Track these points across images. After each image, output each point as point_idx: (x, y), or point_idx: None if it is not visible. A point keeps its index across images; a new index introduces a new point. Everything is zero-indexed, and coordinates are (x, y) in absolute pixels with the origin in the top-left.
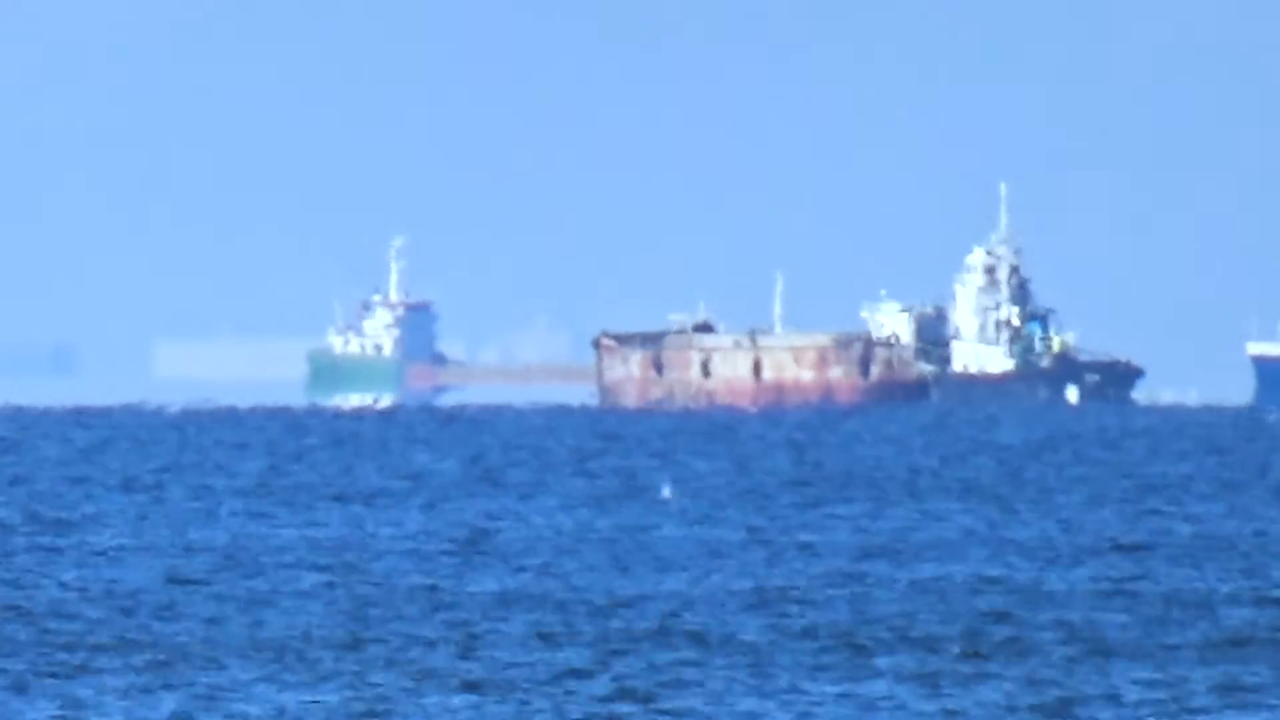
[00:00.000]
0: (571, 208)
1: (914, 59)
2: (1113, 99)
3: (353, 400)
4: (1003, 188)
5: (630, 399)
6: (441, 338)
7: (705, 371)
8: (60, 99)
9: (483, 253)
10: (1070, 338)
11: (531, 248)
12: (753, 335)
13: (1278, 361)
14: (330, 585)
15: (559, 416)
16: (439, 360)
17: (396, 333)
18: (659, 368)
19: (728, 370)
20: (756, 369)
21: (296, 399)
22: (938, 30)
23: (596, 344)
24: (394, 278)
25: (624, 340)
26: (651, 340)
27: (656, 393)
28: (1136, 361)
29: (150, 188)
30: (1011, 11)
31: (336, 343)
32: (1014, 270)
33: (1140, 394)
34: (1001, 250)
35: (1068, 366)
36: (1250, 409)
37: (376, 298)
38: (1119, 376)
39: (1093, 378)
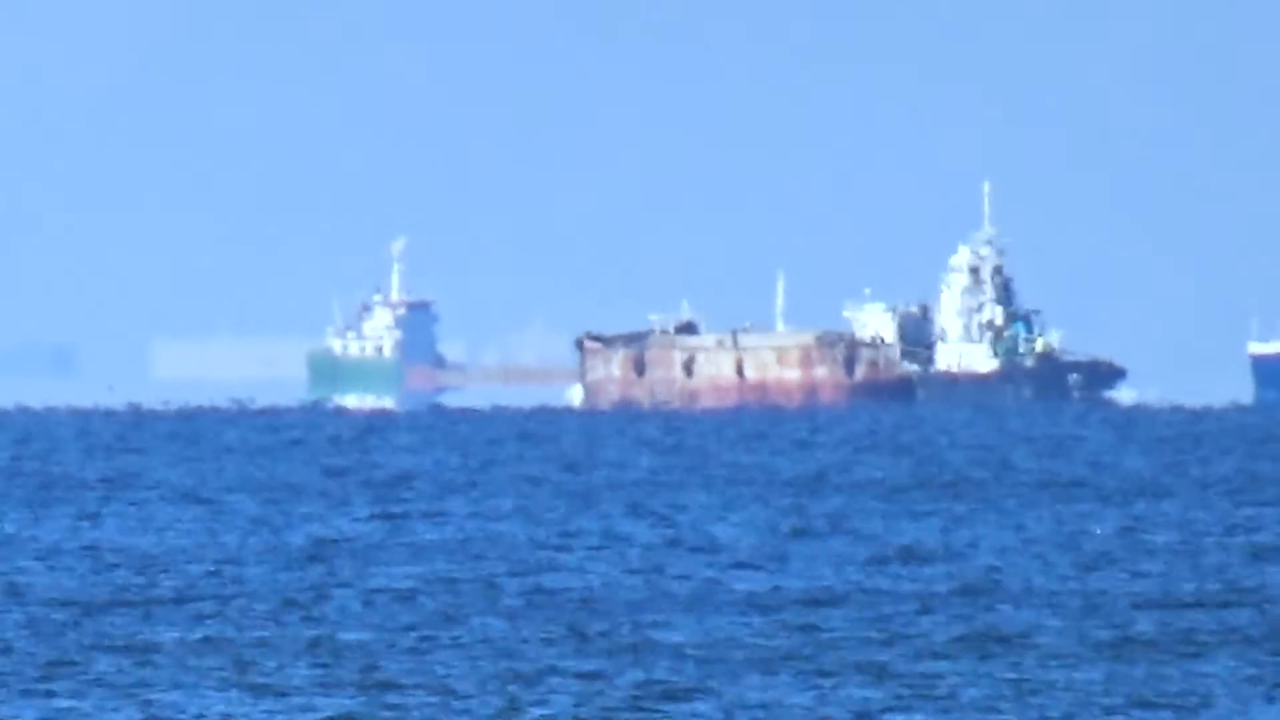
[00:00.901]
0: (571, 208)
1: (897, 58)
2: (1100, 97)
3: (350, 401)
4: (986, 187)
5: (612, 399)
6: (442, 339)
7: (688, 371)
8: (59, 99)
9: (483, 253)
10: (1055, 338)
11: (532, 248)
12: (735, 335)
13: (1277, 361)
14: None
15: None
16: (439, 361)
17: (397, 334)
18: (640, 368)
19: (710, 370)
20: (739, 369)
21: (298, 400)
22: (921, 30)
23: (579, 345)
24: (394, 278)
25: (607, 341)
26: (634, 341)
27: (638, 393)
28: (1119, 362)
29: (149, 188)
30: (996, 10)
31: (336, 344)
32: (998, 270)
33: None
34: (985, 250)
35: (1052, 367)
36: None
37: (377, 298)
38: (1102, 377)
39: (1076, 378)
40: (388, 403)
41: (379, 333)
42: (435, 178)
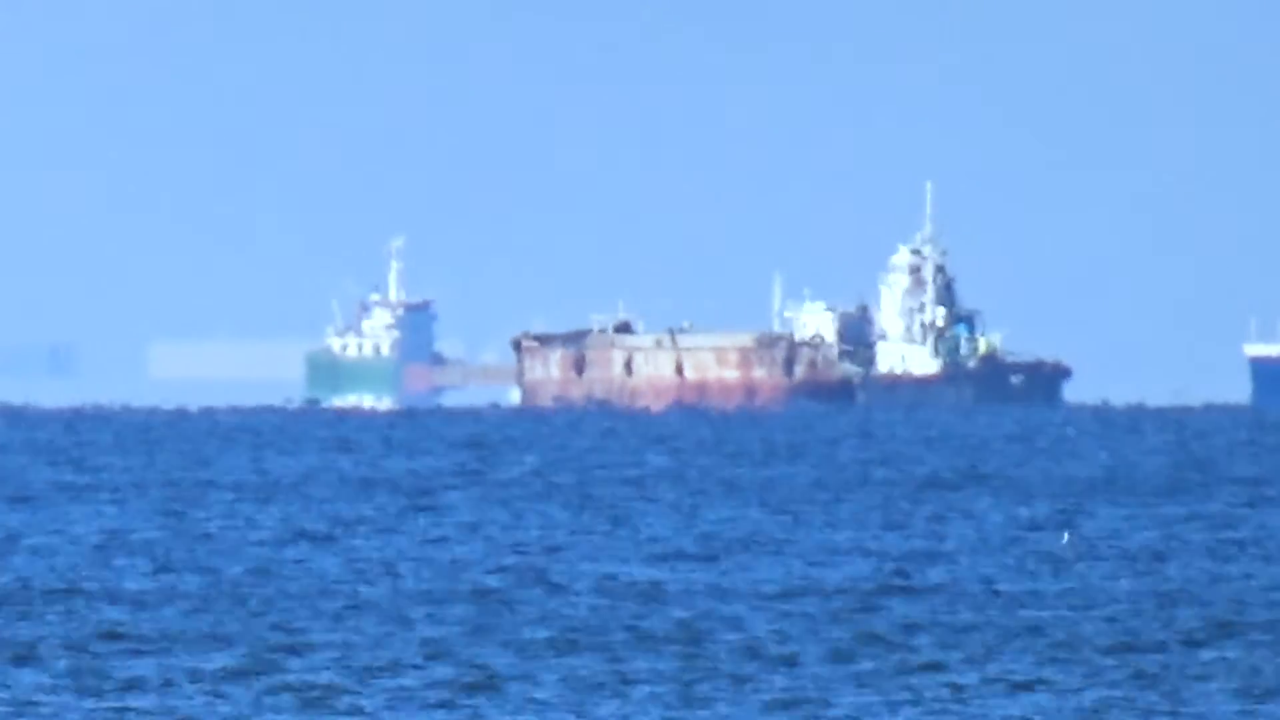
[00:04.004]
0: (571, 208)
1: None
2: (1085, 98)
3: (350, 401)
4: (928, 187)
5: (551, 399)
6: (441, 338)
7: (627, 371)
8: (58, 98)
9: (483, 253)
10: (997, 339)
11: (531, 248)
12: (674, 335)
13: (1275, 363)
14: None
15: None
16: (438, 361)
17: (396, 333)
18: (580, 367)
19: (650, 370)
20: (679, 369)
21: (296, 400)
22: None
23: (516, 345)
24: (393, 278)
25: (545, 340)
26: (572, 340)
27: (577, 393)
28: (1065, 362)
29: (148, 188)
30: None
31: (335, 343)
32: (939, 270)
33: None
34: (927, 250)
35: (994, 368)
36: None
37: (375, 297)
38: (1045, 378)
39: (1019, 379)
40: (387, 403)
41: (378, 333)
42: (435, 178)
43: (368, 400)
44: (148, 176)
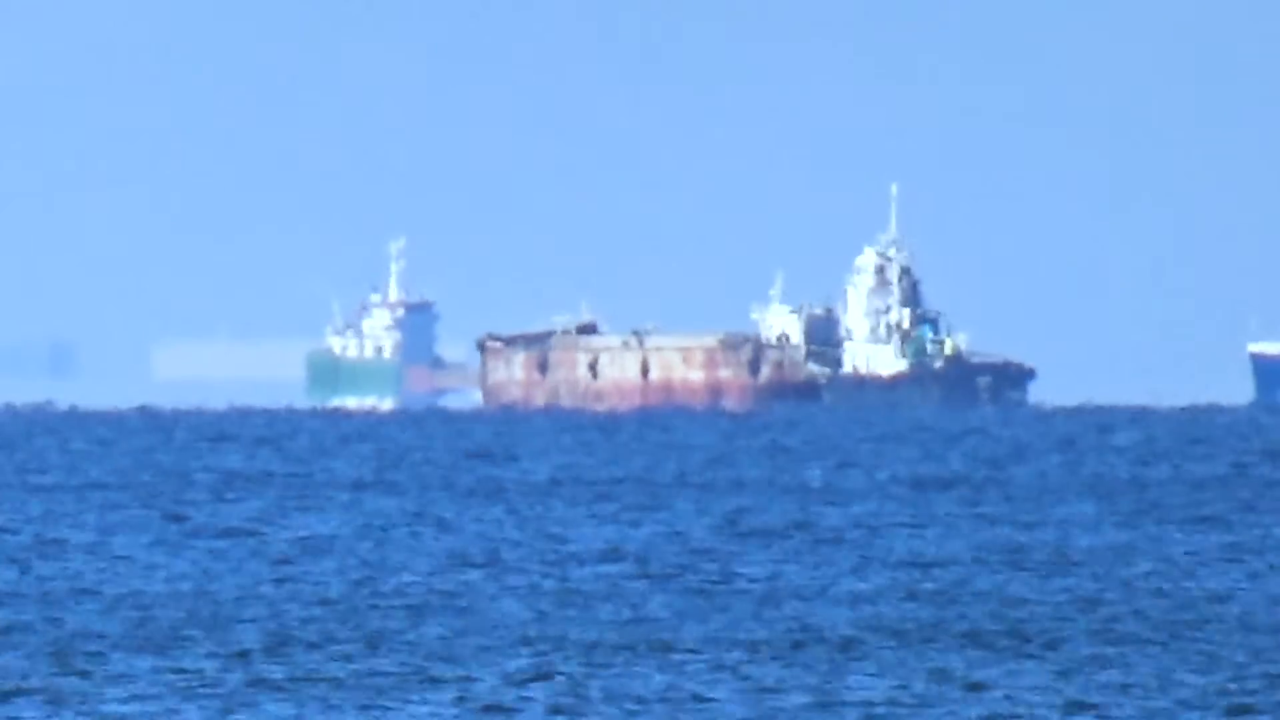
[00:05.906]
0: (571, 207)
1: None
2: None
3: (350, 403)
4: (894, 189)
5: (514, 400)
6: (441, 339)
7: (593, 372)
8: (59, 99)
9: (483, 253)
10: (962, 339)
11: (531, 248)
12: (639, 336)
13: (1277, 360)
14: None
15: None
16: (438, 363)
17: (397, 334)
18: (544, 368)
19: (615, 371)
20: (644, 370)
21: (298, 400)
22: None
23: (481, 346)
24: (393, 278)
25: (508, 341)
26: (536, 341)
27: (541, 394)
28: (1029, 364)
29: (149, 188)
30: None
31: (335, 344)
32: (905, 271)
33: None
34: (892, 252)
35: (960, 369)
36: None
37: (376, 298)
38: (1011, 378)
39: (986, 380)
40: (388, 404)
41: (378, 333)
42: (435, 178)
43: (369, 401)
44: (149, 176)
